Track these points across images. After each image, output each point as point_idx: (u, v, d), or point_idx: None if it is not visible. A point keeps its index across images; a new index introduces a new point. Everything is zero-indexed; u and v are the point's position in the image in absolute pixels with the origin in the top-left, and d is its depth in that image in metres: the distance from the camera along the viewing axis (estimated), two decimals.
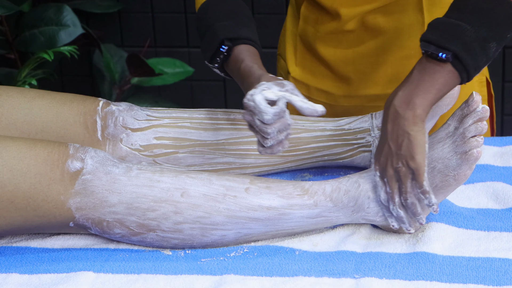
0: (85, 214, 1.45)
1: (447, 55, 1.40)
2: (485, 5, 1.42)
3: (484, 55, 1.42)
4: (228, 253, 1.46)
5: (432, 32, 1.42)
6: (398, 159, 1.41)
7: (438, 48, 1.41)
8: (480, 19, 1.42)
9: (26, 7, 2.71)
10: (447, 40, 1.40)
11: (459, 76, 1.43)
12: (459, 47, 1.40)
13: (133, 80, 2.91)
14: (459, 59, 1.41)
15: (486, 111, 1.43)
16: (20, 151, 1.45)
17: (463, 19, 1.42)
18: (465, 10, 1.43)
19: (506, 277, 1.36)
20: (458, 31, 1.41)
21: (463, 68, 1.42)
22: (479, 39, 1.41)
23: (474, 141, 1.43)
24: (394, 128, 1.41)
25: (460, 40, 1.40)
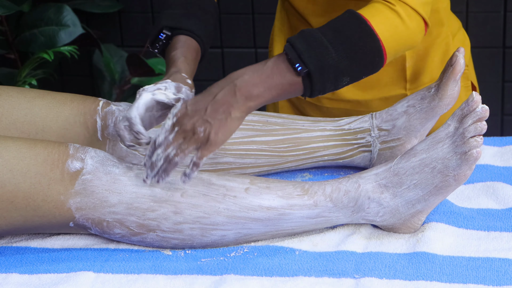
0: (85, 214, 1.45)
1: (303, 70, 1.40)
2: (359, 41, 1.42)
3: (334, 85, 1.43)
4: (228, 253, 1.46)
5: (300, 42, 1.41)
6: (203, 124, 1.39)
7: (299, 59, 1.40)
8: (347, 52, 1.42)
9: (26, 7, 2.71)
10: (309, 57, 1.40)
11: (302, 91, 1.43)
12: (316, 69, 1.40)
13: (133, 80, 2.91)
14: (310, 79, 1.41)
15: (486, 111, 1.43)
16: (20, 151, 1.45)
17: (333, 43, 1.42)
18: (339, 36, 1.42)
19: (506, 277, 1.36)
20: (323, 53, 1.41)
21: (310, 87, 1.42)
22: (337, 70, 1.41)
23: (473, 141, 1.43)
24: (222, 100, 1.39)
25: (320, 63, 1.40)
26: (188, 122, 1.40)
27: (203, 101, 1.41)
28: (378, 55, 1.44)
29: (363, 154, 1.69)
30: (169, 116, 1.42)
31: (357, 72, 1.44)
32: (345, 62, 1.42)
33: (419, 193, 1.47)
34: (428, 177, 1.46)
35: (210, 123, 1.39)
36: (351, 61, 1.42)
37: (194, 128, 1.39)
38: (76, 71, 3.22)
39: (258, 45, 3.05)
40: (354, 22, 1.44)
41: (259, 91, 1.40)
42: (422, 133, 1.67)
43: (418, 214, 1.49)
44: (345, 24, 1.44)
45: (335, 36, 1.42)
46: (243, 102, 1.40)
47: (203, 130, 1.39)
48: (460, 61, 1.57)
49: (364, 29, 1.43)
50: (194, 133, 1.39)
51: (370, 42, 1.43)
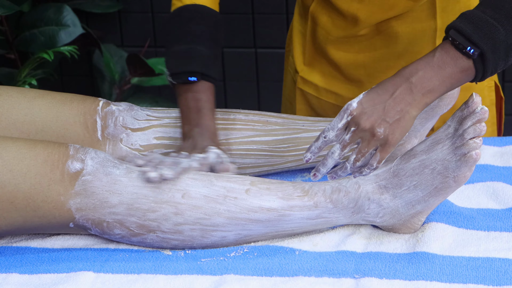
0: (85, 215, 1.45)
1: (475, 52, 1.38)
2: None
3: (504, 61, 1.40)
4: (228, 253, 1.46)
5: (465, 24, 1.39)
6: (382, 125, 1.37)
7: (468, 42, 1.38)
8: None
9: (26, 7, 2.71)
10: (480, 37, 1.38)
11: (474, 75, 1.41)
12: (489, 48, 1.38)
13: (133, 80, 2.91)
14: (482, 59, 1.39)
15: (485, 112, 1.43)
16: (20, 152, 1.45)
17: (497, 19, 1.39)
18: (500, 11, 1.40)
19: (506, 277, 1.36)
20: (492, 30, 1.38)
21: (482, 68, 1.40)
22: (507, 45, 1.39)
23: (472, 143, 1.42)
24: (399, 99, 1.37)
25: (492, 41, 1.38)
26: (366, 122, 1.37)
27: (380, 99, 1.38)
28: None
29: None
30: (341, 112, 1.39)
31: None
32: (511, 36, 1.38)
33: (419, 194, 1.47)
34: (428, 179, 1.46)
35: (389, 123, 1.37)
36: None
37: (373, 128, 1.37)
38: (76, 71, 3.23)
39: (258, 45, 3.05)
40: None
41: (435, 85, 1.38)
42: (422, 133, 1.67)
43: (418, 215, 1.49)
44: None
45: (496, 12, 1.39)
46: (420, 99, 1.38)
47: (383, 131, 1.37)
48: None
49: None
50: (373, 134, 1.37)
51: None
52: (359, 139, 1.39)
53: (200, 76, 1.58)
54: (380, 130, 1.37)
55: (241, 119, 1.67)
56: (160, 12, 3.10)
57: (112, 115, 1.64)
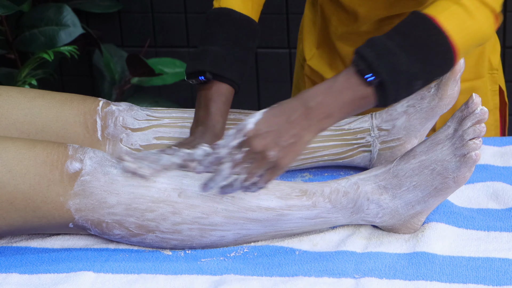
0: (85, 215, 1.45)
1: (375, 80, 1.35)
2: (428, 41, 1.37)
3: (407, 91, 1.38)
4: (228, 253, 1.46)
5: (368, 50, 1.36)
6: (275, 148, 1.34)
7: (369, 69, 1.35)
8: (417, 54, 1.36)
9: (26, 7, 2.71)
10: (380, 65, 1.34)
11: (375, 102, 1.37)
12: (388, 76, 1.35)
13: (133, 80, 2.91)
14: (383, 88, 1.36)
15: (485, 113, 1.43)
16: (19, 152, 1.45)
17: (403, 47, 1.36)
18: (407, 39, 1.37)
19: (506, 277, 1.36)
20: (394, 59, 1.35)
21: (383, 96, 1.36)
22: (409, 74, 1.36)
23: (472, 143, 1.42)
24: (295, 122, 1.35)
25: (392, 70, 1.35)
26: (259, 144, 1.35)
27: (276, 122, 1.35)
28: (449, 52, 1.38)
29: (363, 154, 1.69)
30: (236, 131, 1.37)
31: (430, 74, 1.39)
32: (417, 65, 1.36)
33: (419, 194, 1.47)
34: (427, 179, 1.46)
35: (282, 147, 1.34)
36: (423, 63, 1.37)
37: (265, 151, 1.35)
38: (76, 71, 3.23)
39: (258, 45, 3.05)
40: (421, 22, 1.39)
41: (333, 111, 1.35)
42: (422, 133, 1.67)
43: (418, 215, 1.49)
44: (412, 25, 1.39)
45: (403, 40, 1.37)
46: (316, 124, 1.35)
47: (275, 154, 1.35)
48: (460, 61, 1.57)
49: (431, 28, 1.38)
50: (265, 156, 1.35)
51: (439, 40, 1.38)
52: (251, 160, 1.36)
53: (211, 75, 1.57)
54: (271, 153, 1.35)
55: (241, 119, 1.67)
56: (160, 12, 3.10)
57: (112, 115, 1.64)
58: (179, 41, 3.13)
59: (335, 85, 1.36)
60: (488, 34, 1.44)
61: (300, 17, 2.74)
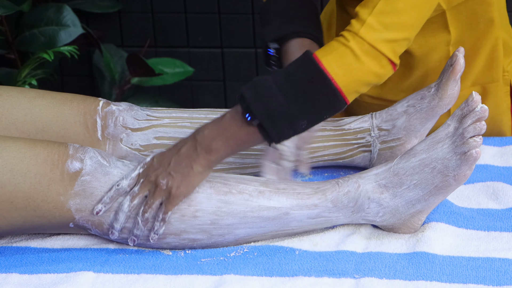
0: (85, 216, 1.45)
1: (253, 120, 1.40)
2: (309, 84, 1.40)
3: (291, 130, 1.41)
4: (228, 253, 1.46)
5: (249, 91, 1.41)
6: (166, 177, 1.42)
7: (247, 109, 1.40)
8: (297, 96, 1.40)
9: (26, 7, 2.71)
10: (257, 107, 1.39)
11: (262, 139, 1.43)
12: (265, 118, 1.39)
13: (133, 80, 2.91)
14: (263, 128, 1.40)
15: (485, 110, 1.43)
16: (20, 151, 1.45)
17: (283, 88, 1.40)
18: (290, 81, 1.41)
19: (506, 277, 1.36)
20: (271, 100, 1.39)
21: (267, 135, 1.41)
22: (289, 116, 1.40)
23: (472, 141, 1.42)
24: (185, 155, 1.43)
25: (268, 112, 1.39)
26: (152, 174, 1.43)
27: (168, 154, 1.44)
28: (333, 94, 1.41)
29: (363, 154, 1.69)
30: (136, 165, 1.46)
31: (314, 114, 1.42)
32: (296, 106, 1.40)
33: (419, 193, 1.47)
34: (428, 177, 1.46)
35: (173, 176, 1.42)
36: (302, 104, 1.40)
37: (157, 180, 1.43)
38: (76, 71, 3.22)
39: (258, 45, 3.05)
40: (305, 64, 1.42)
41: (218, 144, 1.42)
42: (422, 133, 1.67)
43: (418, 214, 1.49)
44: (297, 66, 1.42)
45: (286, 81, 1.41)
46: (203, 156, 1.42)
47: (166, 182, 1.42)
48: (460, 60, 1.57)
49: (314, 70, 1.41)
50: (157, 185, 1.42)
51: (321, 82, 1.41)
52: (147, 192, 1.44)
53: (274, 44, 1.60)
54: (163, 182, 1.42)
55: None
56: (160, 12, 3.10)
57: (112, 115, 1.64)
58: (179, 41, 3.13)
59: (222, 121, 1.43)
60: (380, 76, 1.45)
61: None
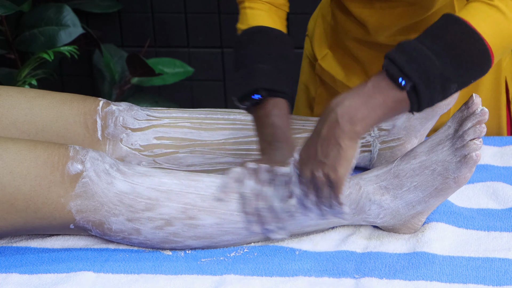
0: (86, 216, 1.45)
1: (407, 84, 1.33)
2: (461, 44, 1.35)
3: (442, 94, 1.35)
4: (228, 253, 1.46)
5: (399, 54, 1.34)
6: (320, 167, 1.35)
7: (401, 73, 1.33)
8: (451, 57, 1.33)
9: (26, 7, 2.71)
10: (412, 69, 1.32)
11: (409, 106, 1.35)
12: (421, 80, 1.32)
13: (133, 80, 2.91)
14: (416, 92, 1.34)
15: (485, 113, 1.43)
16: (20, 153, 1.45)
17: (434, 50, 1.34)
18: (439, 42, 1.35)
19: (506, 277, 1.36)
20: (426, 63, 1.32)
21: (417, 100, 1.34)
22: (443, 78, 1.33)
23: (472, 144, 1.42)
24: (328, 135, 1.34)
25: (425, 74, 1.32)
26: (306, 171, 1.36)
27: (312, 143, 1.36)
28: (485, 55, 1.35)
29: (363, 154, 1.69)
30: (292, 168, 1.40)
31: (465, 77, 1.36)
32: (450, 68, 1.33)
33: (419, 195, 1.47)
34: (428, 179, 1.46)
35: (325, 163, 1.34)
36: (457, 66, 1.34)
37: (313, 174, 1.36)
38: (76, 71, 3.23)
39: None
40: (453, 25, 1.36)
41: (363, 113, 1.33)
42: (422, 133, 1.67)
43: (419, 215, 1.49)
44: (444, 28, 1.36)
45: (435, 43, 1.34)
46: (349, 128, 1.33)
47: (322, 173, 1.35)
48: None
49: (465, 31, 1.35)
50: (315, 179, 1.36)
51: (473, 43, 1.35)
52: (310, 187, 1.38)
53: (265, 92, 1.52)
54: (319, 174, 1.35)
55: (241, 119, 1.67)
56: (160, 12, 3.11)
57: (112, 115, 1.64)
58: (179, 41, 3.13)
59: (364, 90, 1.34)
60: None
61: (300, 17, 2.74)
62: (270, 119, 1.51)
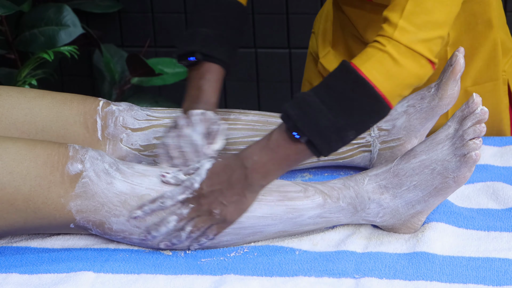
0: (86, 216, 1.45)
1: (301, 138, 1.38)
2: (352, 93, 1.38)
3: (340, 142, 1.39)
4: (228, 253, 1.46)
5: (293, 108, 1.38)
6: (219, 206, 1.42)
7: (295, 127, 1.38)
8: (342, 107, 1.37)
9: (26, 7, 2.71)
10: (304, 124, 1.37)
11: (311, 155, 1.40)
12: (314, 134, 1.37)
13: (133, 80, 2.91)
14: (312, 143, 1.38)
15: (485, 113, 1.43)
16: (20, 153, 1.45)
17: (326, 103, 1.37)
18: (332, 93, 1.38)
19: (506, 277, 1.36)
20: (317, 116, 1.37)
21: (316, 150, 1.39)
22: (337, 128, 1.37)
23: (472, 143, 1.42)
24: (235, 184, 1.41)
25: (316, 127, 1.37)
26: (205, 203, 1.42)
27: (218, 182, 1.42)
28: (377, 101, 1.39)
29: (363, 154, 1.69)
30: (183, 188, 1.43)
31: (361, 124, 1.40)
32: (343, 118, 1.37)
33: (419, 194, 1.47)
34: (428, 179, 1.46)
35: (226, 205, 1.42)
36: (349, 115, 1.38)
37: (210, 210, 1.42)
38: (76, 71, 3.22)
39: (258, 45, 3.05)
40: (345, 74, 1.39)
41: (270, 168, 1.41)
42: (422, 133, 1.67)
43: (418, 215, 1.49)
44: (337, 78, 1.40)
45: (328, 94, 1.38)
46: (256, 182, 1.42)
47: (219, 212, 1.42)
48: (460, 61, 1.57)
49: (355, 79, 1.38)
50: (210, 213, 1.42)
51: (364, 91, 1.38)
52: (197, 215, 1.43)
53: (201, 55, 1.57)
54: (216, 212, 1.42)
55: (241, 119, 1.67)
56: (160, 12, 3.10)
57: (112, 115, 1.64)
58: None
59: (269, 143, 1.41)
60: (421, 77, 1.42)
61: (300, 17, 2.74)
62: (199, 82, 1.57)
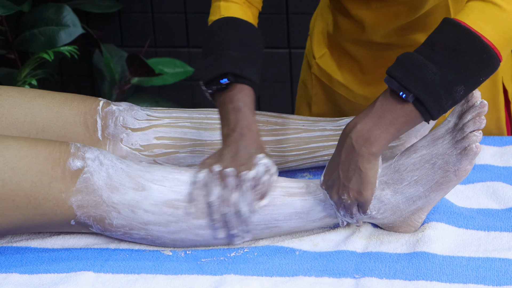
0: (87, 211, 1.45)
1: (408, 96, 1.36)
2: (458, 46, 1.35)
3: (449, 98, 1.37)
4: (228, 253, 1.46)
5: (397, 68, 1.37)
6: (344, 190, 1.42)
7: (400, 86, 1.36)
8: (449, 60, 1.35)
9: (26, 7, 2.71)
10: (410, 81, 1.35)
11: (421, 116, 1.38)
12: (421, 90, 1.35)
13: (133, 80, 2.91)
14: (421, 102, 1.36)
15: (484, 105, 1.43)
16: (21, 150, 1.45)
17: (432, 58, 1.36)
18: (436, 49, 1.36)
19: (506, 277, 1.36)
20: (423, 72, 1.35)
21: (425, 110, 1.37)
22: (445, 83, 1.35)
23: (472, 136, 1.43)
24: (346, 160, 1.41)
25: (423, 83, 1.34)
26: (333, 194, 1.44)
27: (333, 168, 1.43)
28: (486, 52, 1.35)
29: None
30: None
31: (471, 77, 1.37)
32: (451, 72, 1.35)
33: (420, 189, 1.47)
34: (428, 173, 1.46)
35: (349, 187, 1.41)
36: (458, 68, 1.35)
37: (339, 197, 1.43)
38: (76, 71, 3.23)
39: None
40: (449, 29, 1.37)
41: (376, 134, 1.38)
42: (422, 133, 1.67)
43: (419, 212, 1.49)
44: (440, 34, 1.38)
45: (432, 50, 1.36)
46: (365, 151, 1.39)
47: (347, 196, 1.42)
48: None
49: (460, 32, 1.36)
50: (342, 201, 1.43)
51: (471, 42, 1.35)
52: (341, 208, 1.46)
53: (233, 77, 1.52)
54: (344, 197, 1.42)
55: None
56: (160, 12, 3.11)
57: (112, 115, 1.64)
58: (179, 41, 3.13)
59: (373, 110, 1.39)
60: None
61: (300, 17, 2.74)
62: (234, 104, 1.52)
